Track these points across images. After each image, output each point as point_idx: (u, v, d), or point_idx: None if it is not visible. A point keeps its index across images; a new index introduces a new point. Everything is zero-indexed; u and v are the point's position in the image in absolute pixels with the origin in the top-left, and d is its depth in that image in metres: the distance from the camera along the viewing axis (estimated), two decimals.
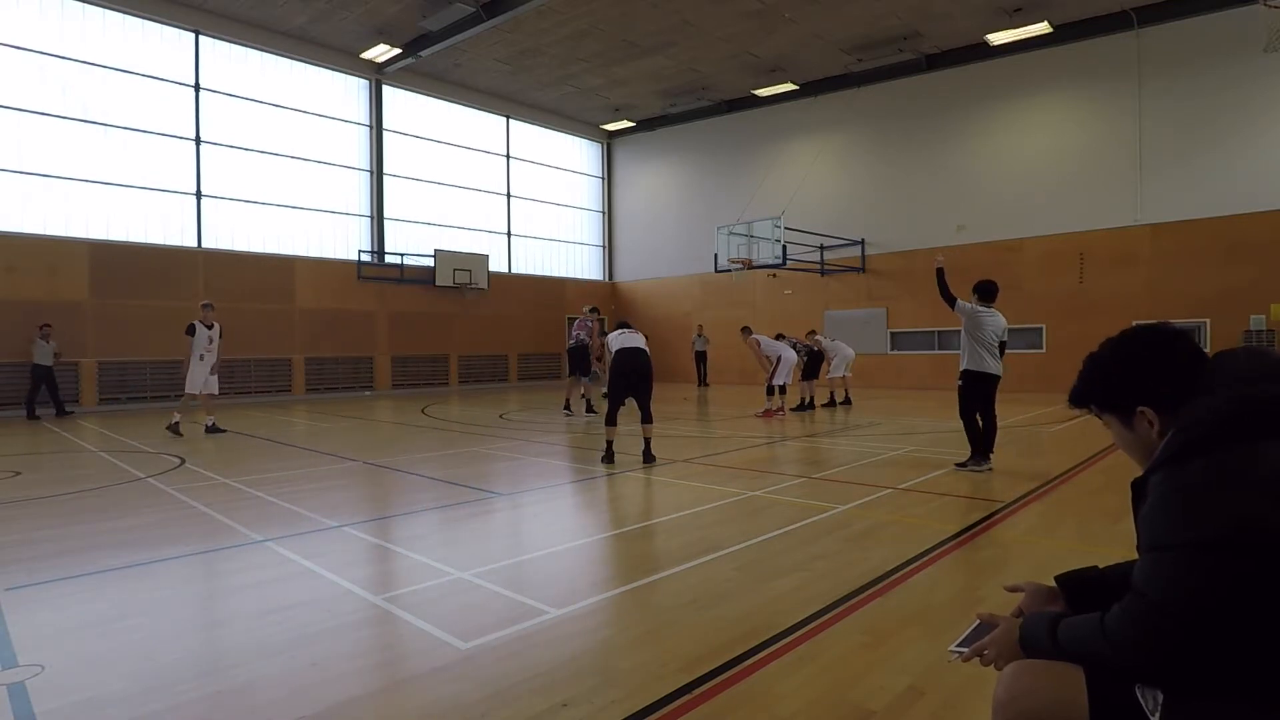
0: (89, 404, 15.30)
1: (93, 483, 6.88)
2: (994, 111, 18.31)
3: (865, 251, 20.29)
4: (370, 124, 20.09)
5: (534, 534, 5.08)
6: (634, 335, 7.99)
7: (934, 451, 8.17)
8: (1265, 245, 14.76)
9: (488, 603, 3.52)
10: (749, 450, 8.64)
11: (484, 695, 2.56)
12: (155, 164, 16.33)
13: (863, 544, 4.44)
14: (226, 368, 17.01)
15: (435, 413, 14.16)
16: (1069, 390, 1.58)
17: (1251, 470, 1.20)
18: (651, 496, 6.07)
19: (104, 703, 2.56)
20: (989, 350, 6.89)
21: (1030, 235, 17.61)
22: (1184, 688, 1.23)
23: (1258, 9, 13.09)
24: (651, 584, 3.76)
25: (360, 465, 7.85)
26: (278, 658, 2.91)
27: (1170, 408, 1.39)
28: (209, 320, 10.75)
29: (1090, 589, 1.55)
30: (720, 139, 23.41)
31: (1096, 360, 1.53)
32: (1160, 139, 16.01)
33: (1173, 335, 1.46)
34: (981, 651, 1.52)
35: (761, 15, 16.68)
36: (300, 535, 4.85)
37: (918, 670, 2.72)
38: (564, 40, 18.26)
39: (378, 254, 20.05)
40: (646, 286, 25.53)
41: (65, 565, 4.24)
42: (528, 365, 23.72)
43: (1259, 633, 1.17)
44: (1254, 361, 1.35)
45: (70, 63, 15.23)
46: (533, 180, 24.37)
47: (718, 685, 2.62)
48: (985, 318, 6.90)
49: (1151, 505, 1.30)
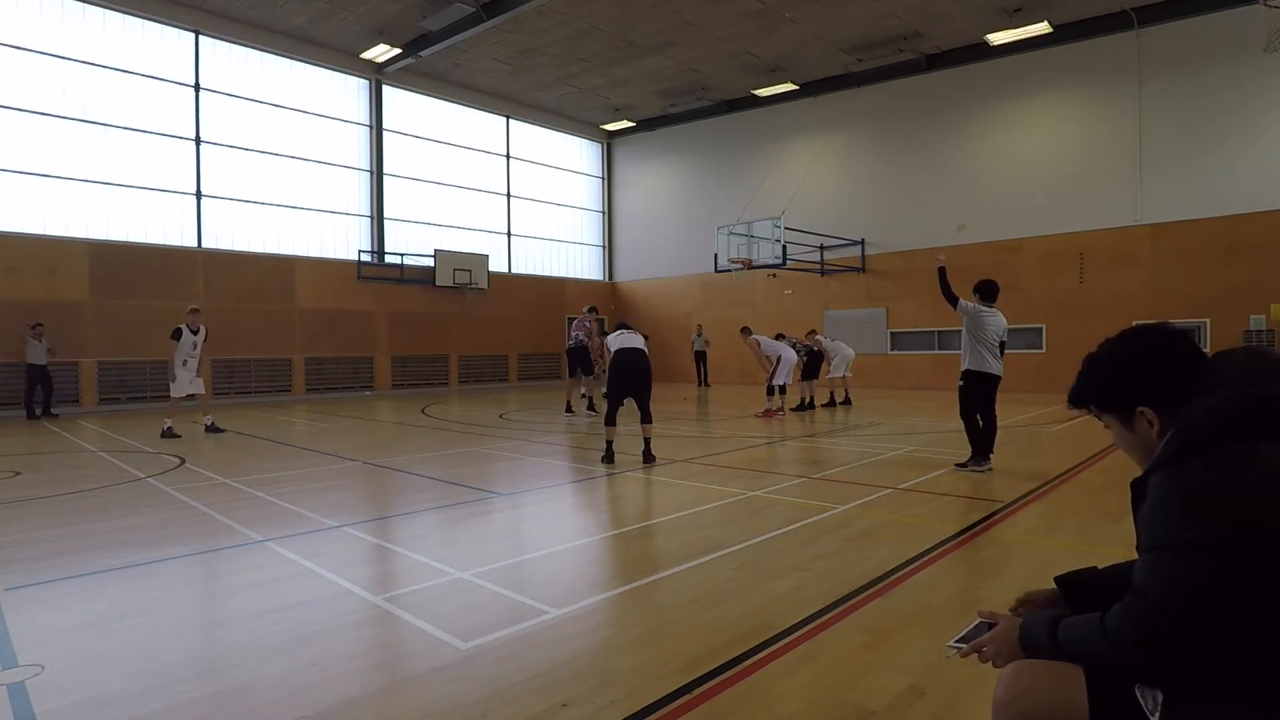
0: (89, 404, 15.30)
1: (93, 483, 6.88)
2: (994, 111, 18.31)
3: (865, 251, 20.29)
4: (370, 124, 20.09)
5: (534, 534, 5.08)
6: (633, 336, 7.99)
7: (934, 451, 8.17)
8: (1265, 245, 14.76)
9: (488, 603, 3.52)
10: (749, 450, 8.64)
11: (484, 695, 2.56)
12: (155, 164, 16.34)
13: (863, 544, 4.44)
14: (227, 367, 17.12)
15: (435, 413, 14.15)
16: (1068, 391, 1.58)
17: (1251, 470, 1.20)
18: (651, 496, 6.07)
19: (104, 703, 2.55)
20: (990, 350, 6.89)
21: (1030, 235, 17.61)
22: (1183, 688, 1.23)
23: (1258, 9, 13.09)
24: (651, 584, 3.76)
25: (360, 465, 7.85)
26: (278, 658, 2.91)
27: (1170, 408, 1.39)
28: (195, 324, 10.72)
29: (1090, 589, 1.55)
30: (720, 139, 23.41)
31: (1095, 361, 1.53)
32: (1160, 139, 16.01)
33: (1172, 335, 1.45)
34: (980, 649, 1.52)
35: (761, 15, 16.68)
36: (300, 535, 4.85)
37: (918, 670, 2.72)
38: (564, 40, 18.26)
39: (378, 254, 20.05)
40: (646, 286, 25.53)
41: (65, 565, 4.24)
42: (528, 365, 23.72)
43: (1259, 633, 1.17)
44: (1254, 361, 1.35)
45: (70, 63, 15.23)
46: (533, 180, 24.37)
47: (718, 685, 2.62)
48: (987, 317, 6.90)
49: (1151, 505, 1.30)
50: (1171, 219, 15.90)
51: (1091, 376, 1.52)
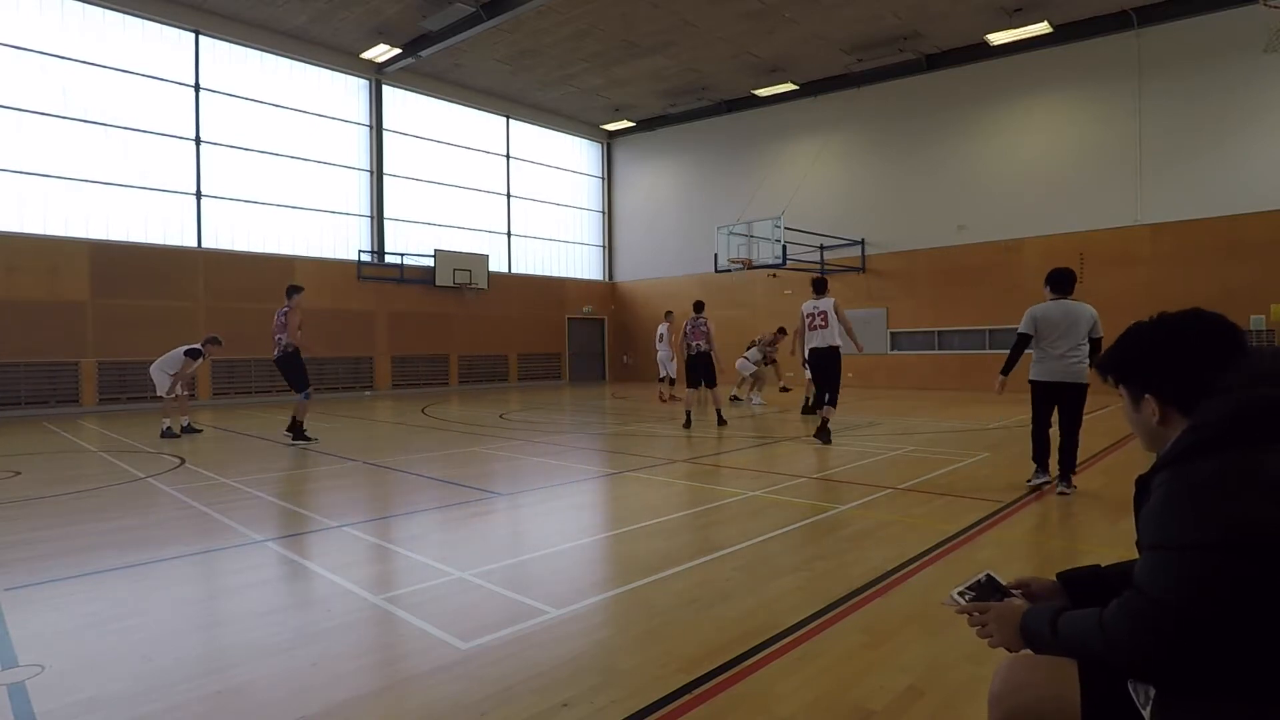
0: (89, 404, 15.30)
1: (93, 483, 6.88)
2: (994, 111, 18.30)
3: (865, 251, 20.28)
4: (370, 124, 20.09)
5: (534, 534, 5.08)
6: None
7: (934, 451, 8.17)
8: (1265, 245, 14.76)
9: (488, 603, 3.52)
10: (749, 450, 8.64)
11: (484, 695, 2.56)
12: (155, 164, 16.33)
13: (863, 544, 4.44)
14: (227, 367, 17.13)
15: (435, 413, 14.15)
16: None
17: (1258, 474, 1.20)
18: (651, 496, 6.06)
19: (104, 703, 2.55)
20: (1047, 353, 5.93)
21: (1030, 235, 17.60)
22: (1176, 686, 1.24)
23: (1258, 9, 13.09)
24: (651, 584, 3.76)
25: (360, 465, 7.85)
26: (278, 658, 2.91)
27: (1176, 401, 1.39)
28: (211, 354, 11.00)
29: (1091, 586, 1.56)
30: (720, 139, 23.40)
31: (1127, 336, 1.53)
32: (1160, 139, 16.00)
33: (1203, 330, 1.43)
34: (975, 613, 1.55)
35: (761, 15, 16.68)
36: (300, 535, 4.85)
37: (918, 670, 2.72)
38: (564, 40, 18.25)
39: (378, 254, 20.05)
40: (646, 286, 25.53)
41: (65, 565, 4.24)
42: (528, 365, 23.72)
43: (1255, 635, 1.17)
44: (1276, 363, 1.33)
45: (70, 63, 15.22)
46: (533, 180, 24.37)
47: (718, 685, 2.62)
48: (1040, 314, 6.00)
49: (1156, 503, 1.30)
50: (1171, 219, 15.89)
51: (1115, 352, 1.53)
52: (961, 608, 1.58)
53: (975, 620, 1.55)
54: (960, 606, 1.58)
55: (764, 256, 18.52)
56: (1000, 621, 1.50)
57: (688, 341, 11.06)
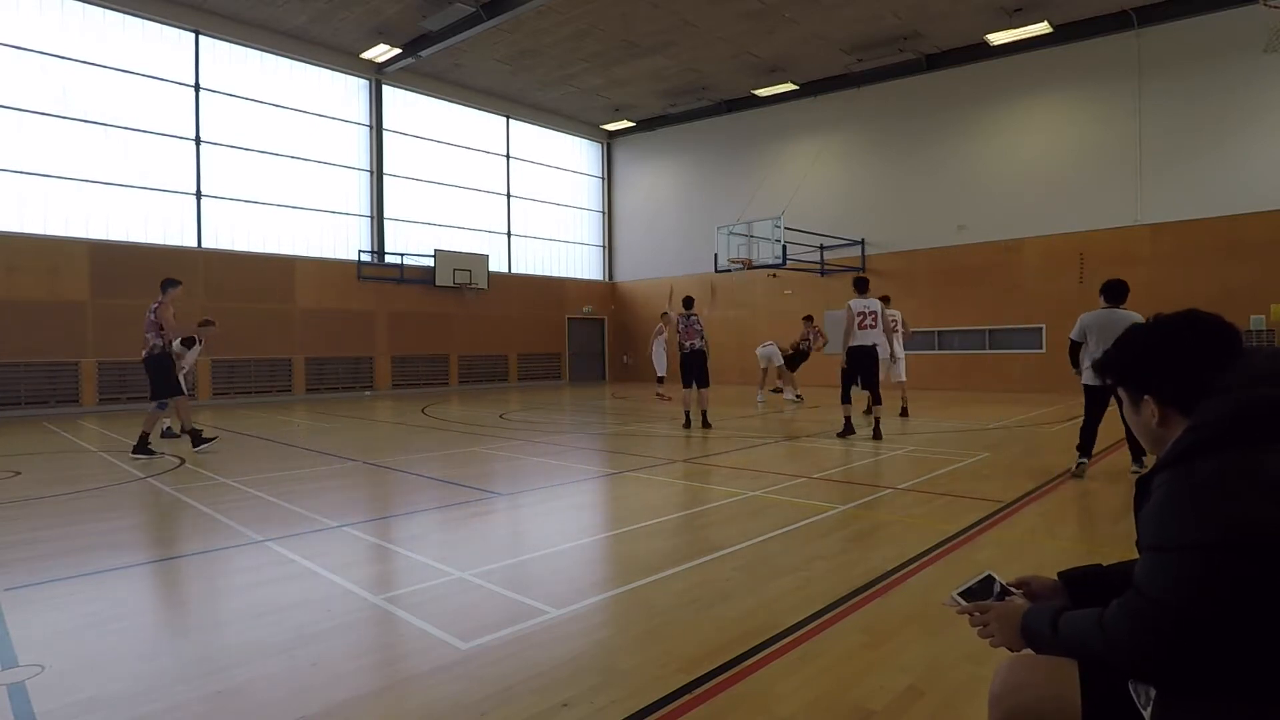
0: (89, 404, 15.30)
1: (93, 483, 6.88)
2: (994, 111, 18.30)
3: (865, 251, 20.27)
4: (370, 124, 20.09)
5: (534, 534, 5.08)
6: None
7: (934, 451, 8.17)
8: (1265, 245, 14.76)
9: (488, 603, 3.52)
10: (749, 450, 8.64)
11: (484, 695, 2.56)
12: (155, 164, 16.33)
13: (863, 544, 4.44)
14: (227, 368, 17.13)
15: (435, 413, 14.15)
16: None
17: (1259, 474, 1.20)
18: (651, 496, 6.06)
19: (104, 703, 2.55)
20: (1091, 357, 6.29)
21: (1030, 235, 17.60)
22: (1176, 686, 1.24)
23: (1258, 9, 13.09)
24: (651, 584, 3.76)
25: (360, 465, 7.85)
26: (278, 658, 2.91)
27: (1174, 402, 1.39)
28: (204, 337, 10.56)
29: (1092, 586, 1.56)
30: (720, 139, 23.39)
31: (1126, 337, 1.52)
32: (1160, 139, 16.00)
33: (1199, 331, 1.43)
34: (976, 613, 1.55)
35: (761, 15, 16.68)
36: (300, 535, 4.85)
37: (918, 670, 2.72)
38: (564, 40, 18.26)
39: (378, 254, 20.05)
40: (646, 286, 25.52)
41: (65, 565, 4.24)
42: (528, 365, 23.72)
43: (1255, 636, 1.17)
44: (1274, 363, 1.33)
45: (70, 63, 15.22)
46: (533, 180, 24.37)
47: (718, 685, 2.62)
48: (1090, 321, 6.48)
49: (1156, 504, 1.30)
50: (1171, 219, 15.88)
51: (1114, 353, 1.53)
52: (963, 608, 1.58)
53: (976, 620, 1.55)
54: (961, 607, 1.59)
55: (764, 256, 18.53)
56: (1001, 621, 1.50)
57: (682, 340, 10.92)
